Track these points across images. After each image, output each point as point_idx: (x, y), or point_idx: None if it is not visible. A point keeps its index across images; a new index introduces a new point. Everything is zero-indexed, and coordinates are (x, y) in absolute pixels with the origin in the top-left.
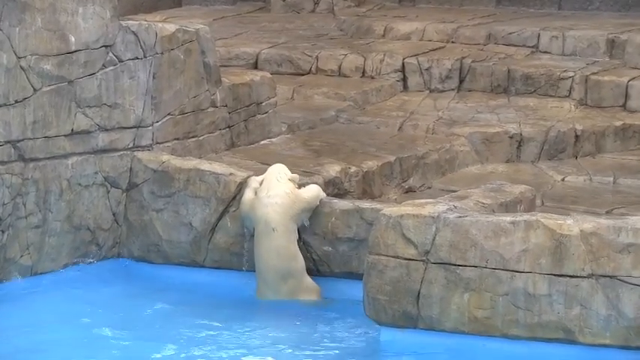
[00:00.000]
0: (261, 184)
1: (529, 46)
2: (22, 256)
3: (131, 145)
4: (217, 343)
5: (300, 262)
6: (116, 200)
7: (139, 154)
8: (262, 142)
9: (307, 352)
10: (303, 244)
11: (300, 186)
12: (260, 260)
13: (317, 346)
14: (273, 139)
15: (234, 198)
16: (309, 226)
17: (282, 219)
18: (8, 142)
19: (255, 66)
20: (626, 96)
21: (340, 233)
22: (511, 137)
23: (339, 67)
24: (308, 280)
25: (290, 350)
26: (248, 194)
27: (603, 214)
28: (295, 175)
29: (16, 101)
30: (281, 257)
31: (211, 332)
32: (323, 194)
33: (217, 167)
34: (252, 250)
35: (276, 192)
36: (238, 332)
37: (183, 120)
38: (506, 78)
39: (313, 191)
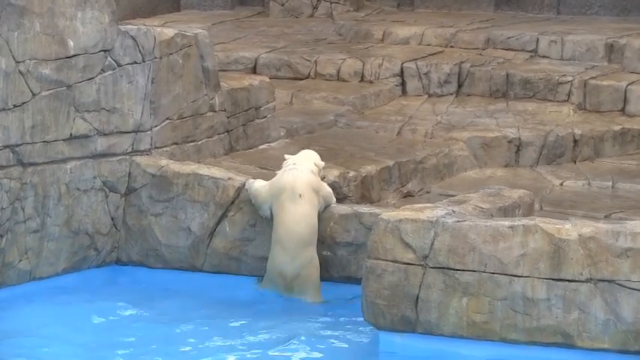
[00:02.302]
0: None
1: (528, 51)
2: (20, 261)
3: (130, 149)
4: (216, 347)
5: (316, 236)
6: (115, 205)
7: (138, 159)
8: (261, 147)
9: (306, 356)
10: None
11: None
12: (283, 227)
13: (315, 350)
14: (271, 144)
15: (232, 202)
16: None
17: (307, 187)
18: (7, 146)
19: (254, 70)
20: (625, 100)
21: (339, 238)
22: (510, 142)
23: (338, 72)
24: (317, 257)
25: (288, 354)
26: (259, 182)
27: (602, 218)
28: (322, 163)
29: (15, 106)
30: (306, 224)
31: (210, 336)
32: (334, 200)
33: (216, 172)
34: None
35: (304, 166)
36: (237, 336)
37: (181, 124)
38: (504, 82)
39: (330, 190)
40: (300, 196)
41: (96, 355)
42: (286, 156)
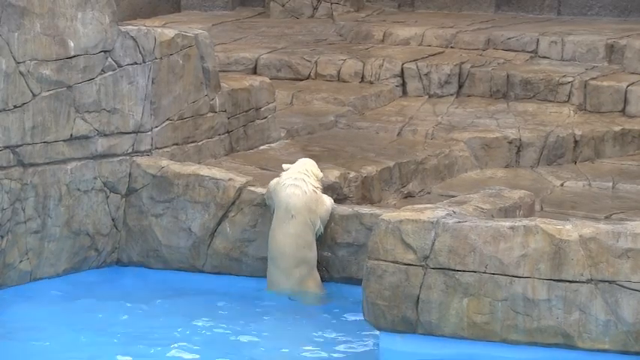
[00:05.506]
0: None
1: (528, 52)
2: (21, 262)
3: (130, 150)
4: (217, 348)
5: (314, 252)
6: (115, 205)
7: (138, 160)
8: (261, 148)
9: (306, 357)
10: None
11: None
12: (275, 245)
13: (316, 351)
14: (272, 145)
15: (233, 203)
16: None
17: (302, 208)
18: (7, 147)
19: (255, 71)
20: (625, 101)
21: (339, 238)
22: (510, 142)
23: (338, 73)
24: (316, 272)
25: (289, 355)
26: (275, 179)
27: (602, 219)
28: (320, 174)
29: (15, 106)
30: (297, 245)
31: (211, 337)
32: (333, 205)
33: (216, 172)
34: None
35: (303, 182)
36: (237, 337)
37: (182, 125)
38: (505, 83)
39: (329, 204)
40: (292, 216)
41: (96, 356)
42: (285, 166)
